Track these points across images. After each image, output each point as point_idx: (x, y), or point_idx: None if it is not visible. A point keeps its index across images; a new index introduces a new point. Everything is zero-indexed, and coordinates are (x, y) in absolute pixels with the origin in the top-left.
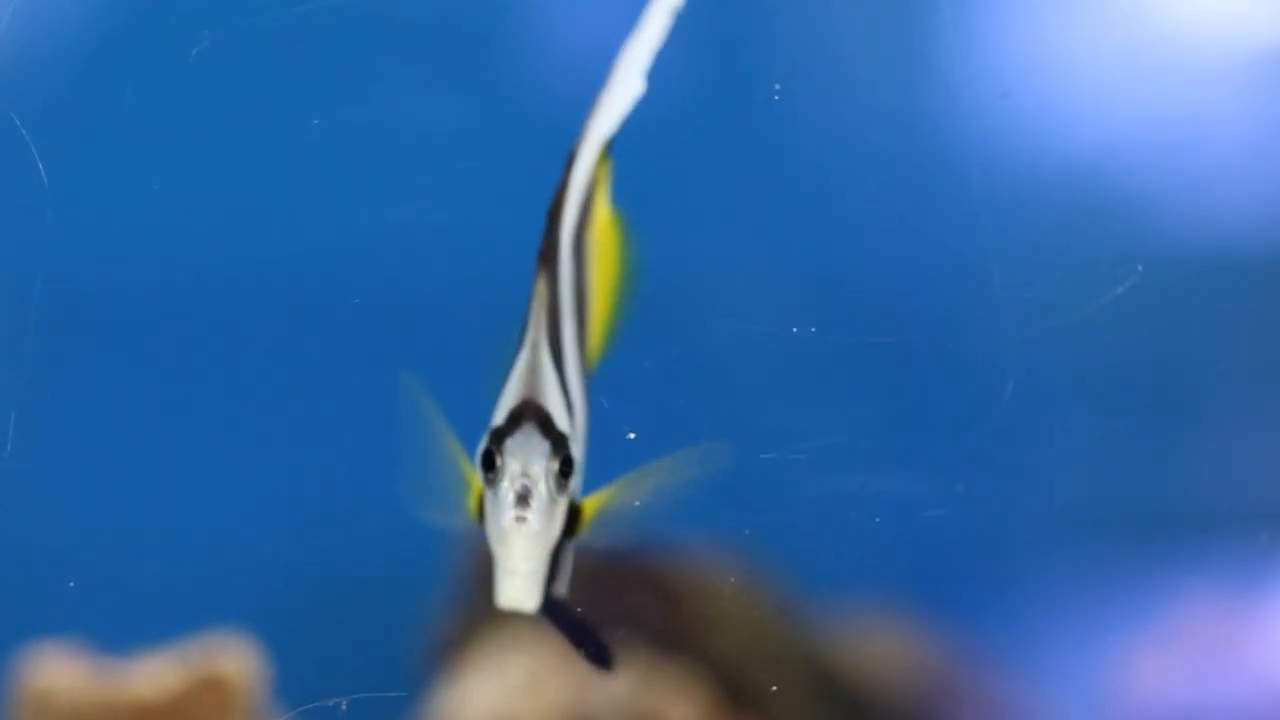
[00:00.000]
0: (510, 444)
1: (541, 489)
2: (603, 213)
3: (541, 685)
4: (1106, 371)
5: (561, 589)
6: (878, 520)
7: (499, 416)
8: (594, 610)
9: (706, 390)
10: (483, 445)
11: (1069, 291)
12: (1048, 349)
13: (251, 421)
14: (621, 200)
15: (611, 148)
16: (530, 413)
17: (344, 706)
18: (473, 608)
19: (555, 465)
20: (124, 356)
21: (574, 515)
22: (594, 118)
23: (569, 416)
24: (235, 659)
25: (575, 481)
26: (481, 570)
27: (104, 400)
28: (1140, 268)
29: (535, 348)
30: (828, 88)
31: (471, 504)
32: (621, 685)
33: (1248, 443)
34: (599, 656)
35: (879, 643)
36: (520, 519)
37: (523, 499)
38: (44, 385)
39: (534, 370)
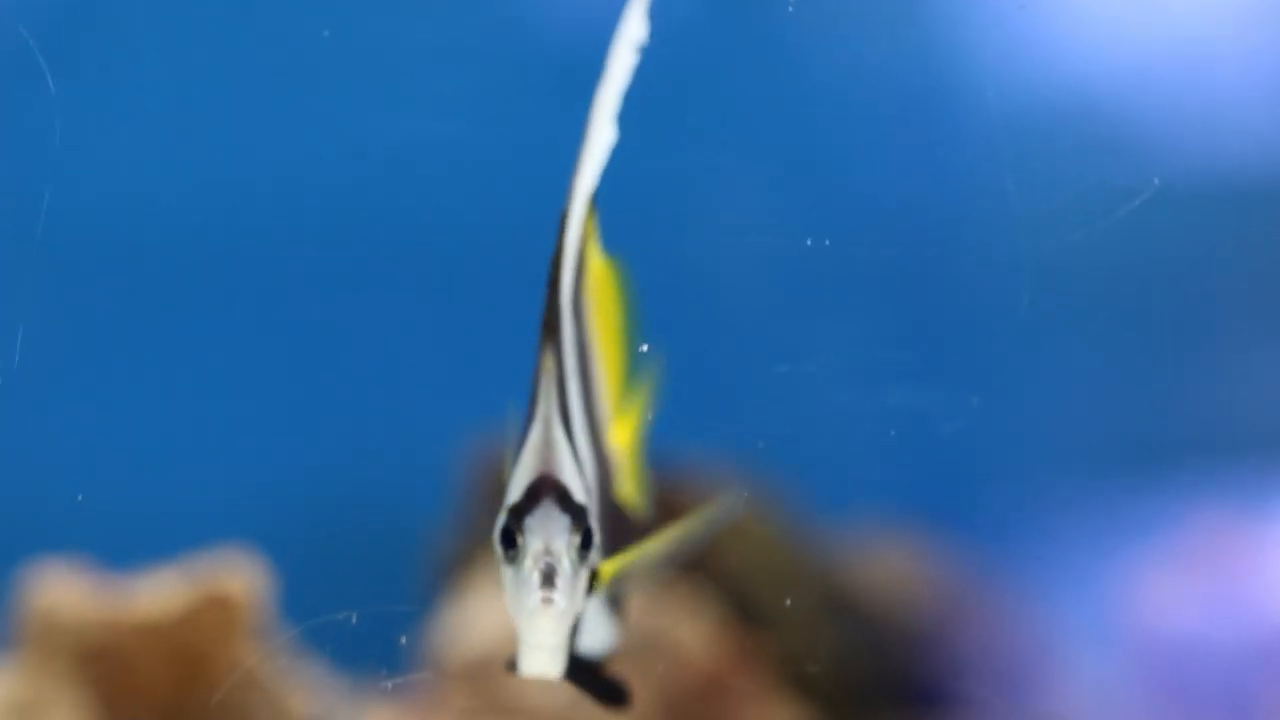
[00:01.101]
0: (530, 521)
1: (565, 565)
2: (596, 264)
3: None
4: (1120, 286)
5: (585, 645)
6: (892, 433)
7: (515, 493)
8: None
9: (720, 303)
10: (501, 522)
11: (1084, 205)
12: (1063, 263)
13: (258, 339)
14: (635, 116)
15: (594, 199)
16: (548, 488)
17: (354, 620)
18: (477, 528)
19: (576, 539)
20: (132, 269)
21: (592, 576)
22: (578, 175)
23: (583, 485)
24: (241, 577)
25: (595, 553)
26: (485, 492)
27: (111, 313)
28: (1156, 180)
29: (547, 422)
30: (842, 0)
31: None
32: (631, 605)
33: (1259, 361)
34: (612, 696)
35: (889, 561)
36: (547, 600)
37: (548, 579)
38: (52, 298)
39: (548, 445)
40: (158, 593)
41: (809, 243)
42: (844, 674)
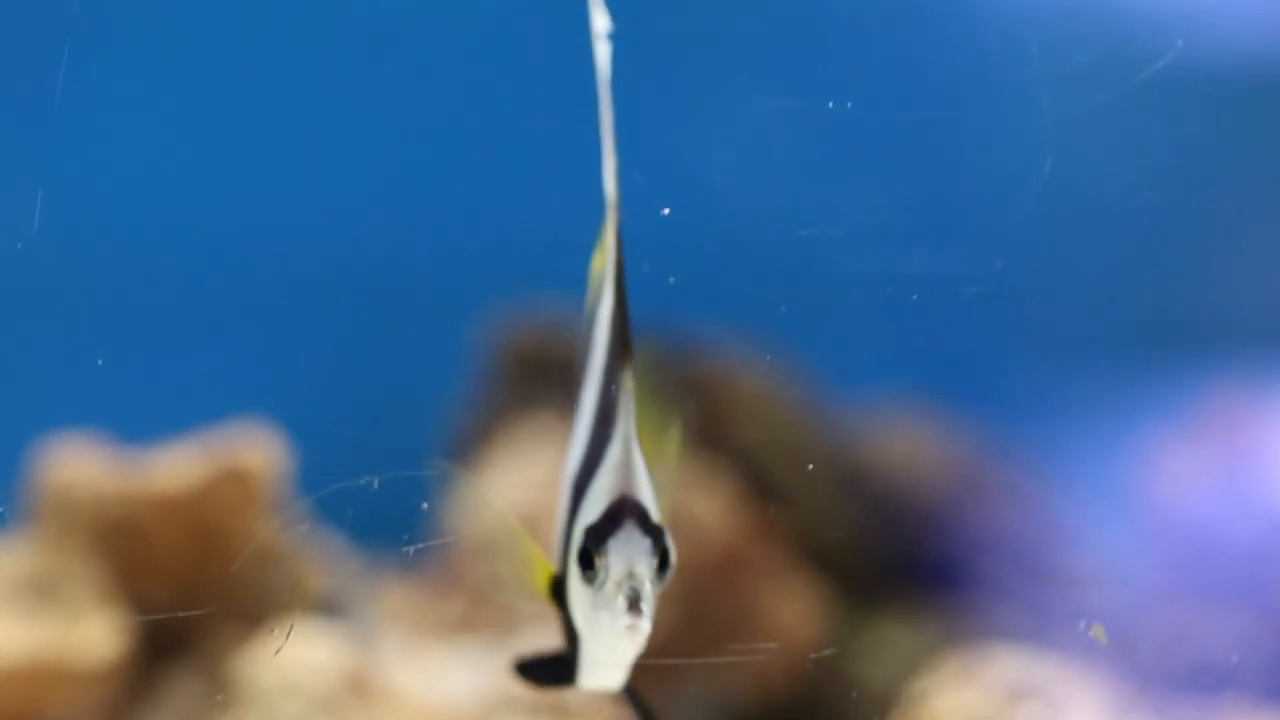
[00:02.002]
0: (613, 544)
1: (648, 589)
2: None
3: (563, 478)
4: (1143, 152)
5: None
6: (915, 297)
7: (592, 513)
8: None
9: (742, 166)
10: (579, 543)
11: (1107, 67)
12: (1085, 126)
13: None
14: None
15: None
16: (629, 510)
17: (375, 485)
18: (495, 402)
19: (655, 561)
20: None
21: None
22: (608, 185)
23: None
24: (258, 450)
25: (671, 572)
26: (504, 366)
27: (132, 178)
28: (1180, 42)
29: (627, 443)
30: None
31: (540, 585)
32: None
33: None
34: (643, 712)
35: (905, 436)
36: (633, 628)
37: (634, 605)
38: (70, 162)
39: (627, 465)
40: (175, 467)
41: (830, 105)
42: (860, 550)
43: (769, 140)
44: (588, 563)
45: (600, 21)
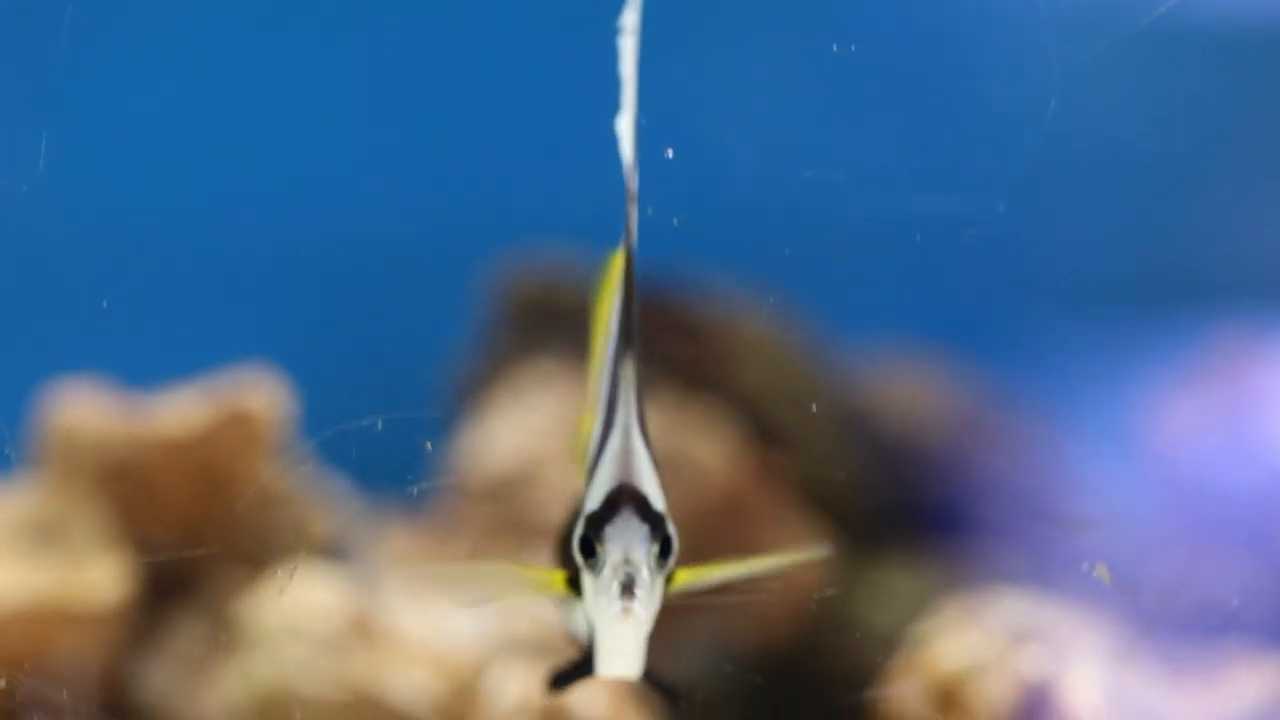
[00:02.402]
0: (610, 531)
1: (644, 574)
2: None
3: (567, 425)
4: (1146, 95)
5: None
6: (918, 239)
7: (593, 501)
8: None
9: (746, 109)
10: (580, 531)
11: (1111, 11)
12: (1089, 70)
13: (283, 148)
14: None
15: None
16: (628, 497)
17: (379, 426)
18: (498, 349)
19: (655, 547)
20: (157, 77)
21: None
22: (628, 179)
23: (661, 493)
24: (262, 394)
25: (673, 559)
26: (506, 312)
27: (137, 122)
28: None
29: (627, 431)
30: None
31: (556, 588)
32: (649, 424)
33: None
34: (666, 693)
35: (908, 382)
36: (626, 610)
37: (628, 589)
38: (77, 104)
39: (627, 453)
40: (179, 410)
41: (835, 48)
42: (862, 494)
43: (773, 83)
44: (589, 550)
45: (630, 17)
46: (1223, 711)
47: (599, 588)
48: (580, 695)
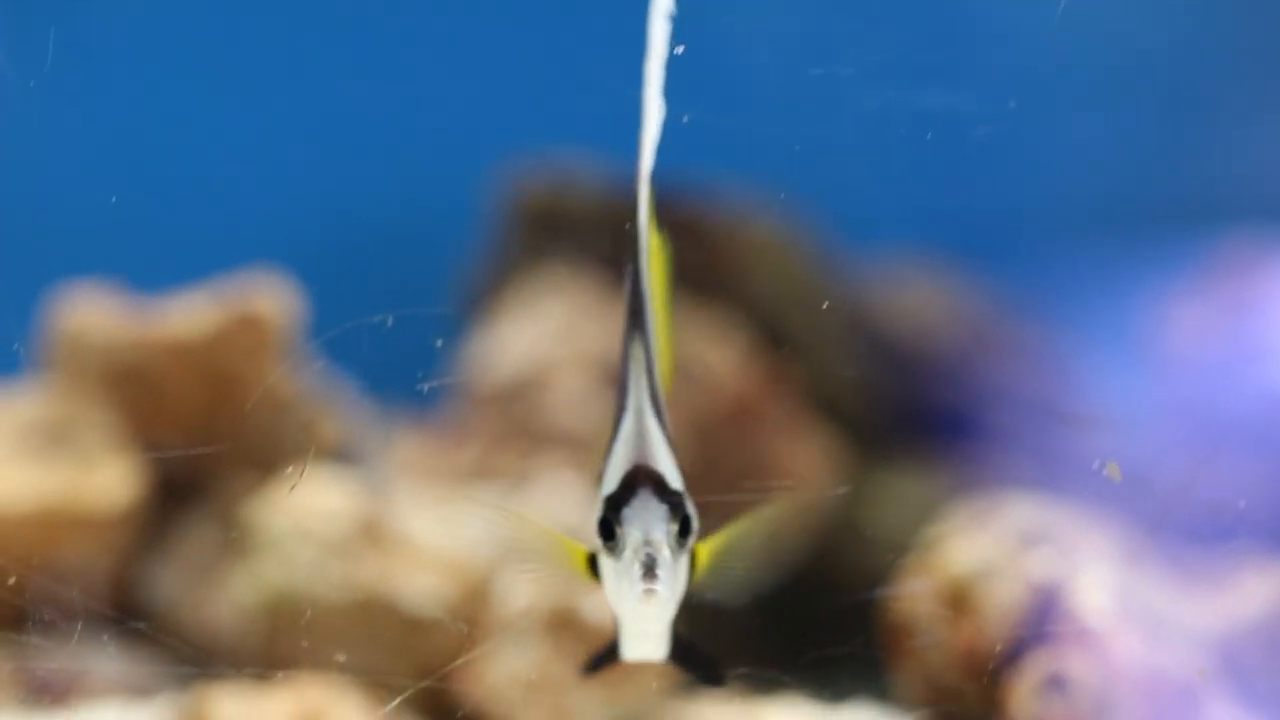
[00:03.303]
0: (628, 512)
1: (665, 554)
2: (654, 241)
3: (577, 331)
4: None
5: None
6: (928, 137)
7: (610, 483)
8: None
9: (755, 4)
10: (599, 513)
11: None
12: None
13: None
14: None
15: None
16: (644, 478)
17: (389, 323)
18: (508, 254)
19: (675, 527)
20: None
21: (690, 561)
22: (641, 159)
23: (678, 472)
24: (271, 297)
25: (694, 537)
26: (515, 218)
27: (147, 21)
28: None
29: (639, 413)
30: None
31: (578, 566)
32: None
33: None
34: (710, 677)
35: (917, 286)
36: (649, 591)
37: (649, 570)
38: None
39: (641, 435)
40: (188, 313)
41: None
42: (872, 400)
43: None
44: (608, 533)
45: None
46: (1230, 614)
47: (620, 570)
48: (591, 602)
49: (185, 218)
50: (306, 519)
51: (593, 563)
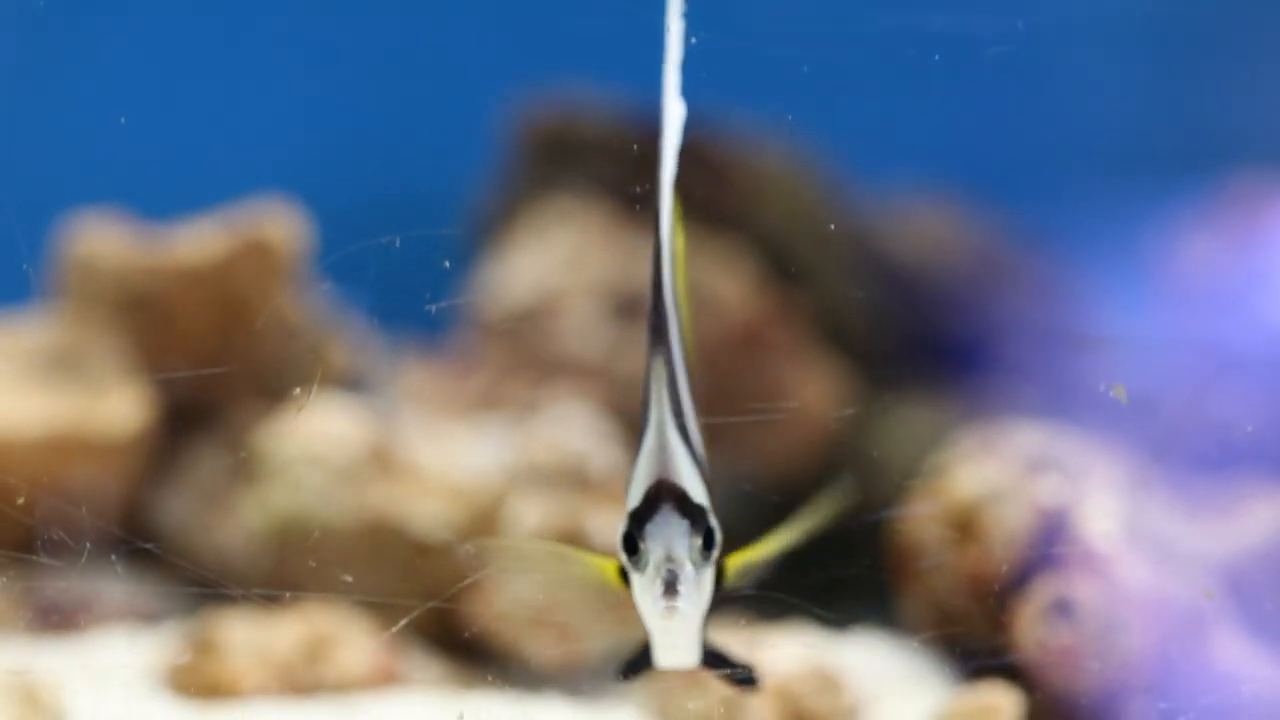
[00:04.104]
0: (651, 528)
1: (688, 570)
2: (679, 246)
3: (585, 259)
4: None
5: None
6: (937, 58)
7: (634, 498)
8: None
9: None
10: (622, 528)
11: None
12: None
13: None
14: None
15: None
16: (666, 493)
17: (397, 243)
18: (517, 185)
19: (698, 541)
20: None
21: (719, 571)
22: (662, 170)
23: (702, 485)
24: (280, 224)
25: (718, 550)
26: (525, 147)
27: None
28: None
29: (661, 428)
30: None
31: (611, 576)
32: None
33: None
34: (744, 679)
35: (927, 220)
36: (670, 609)
37: (670, 587)
38: None
39: (663, 449)
40: (197, 239)
41: None
42: (880, 329)
43: None
44: (632, 547)
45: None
46: (1237, 539)
47: (644, 585)
48: (599, 524)
49: (194, 145)
50: (315, 444)
51: (624, 574)
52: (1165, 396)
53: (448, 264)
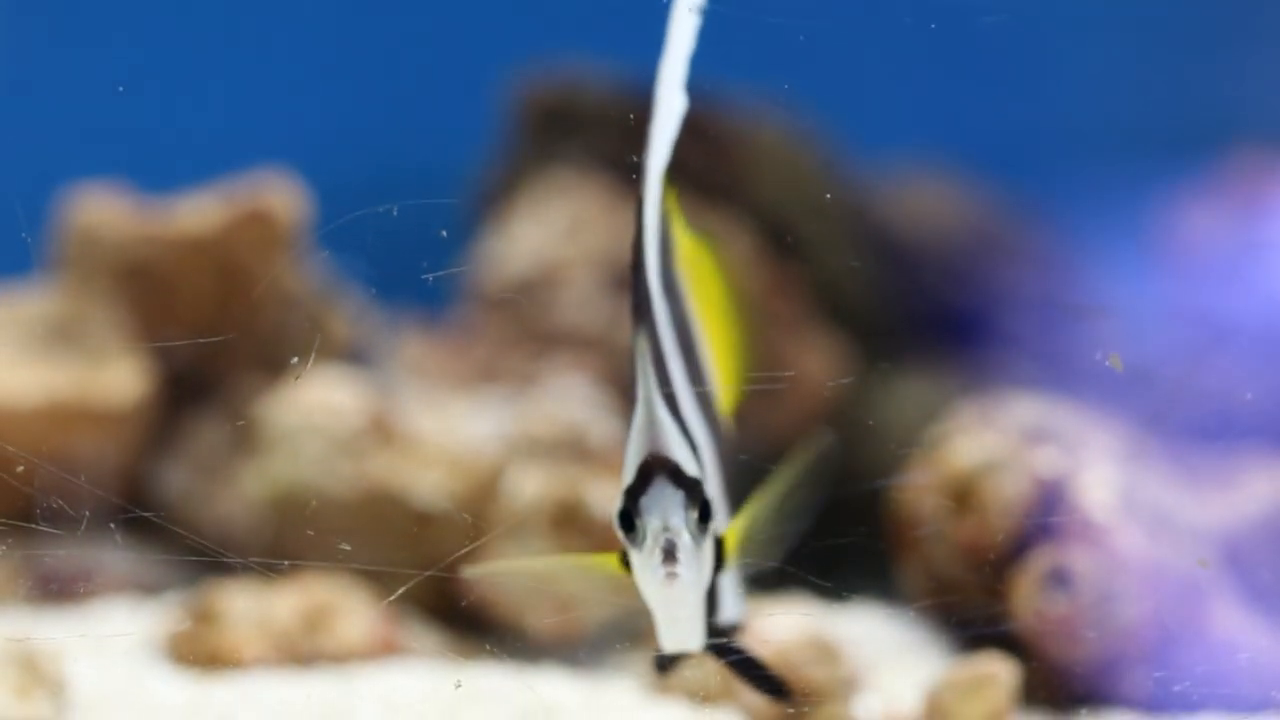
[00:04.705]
0: (645, 501)
1: (685, 539)
2: (686, 242)
3: (584, 230)
4: None
5: (726, 617)
6: (933, 26)
7: (627, 475)
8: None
9: None
10: (618, 506)
11: None
12: None
13: None
14: None
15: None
16: (658, 466)
17: (394, 213)
18: (516, 157)
19: (694, 513)
20: None
21: (720, 548)
22: (649, 153)
23: (696, 458)
24: (280, 195)
25: (717, 520)
26: (525, 119)
27: None
28: None
29: (648, 403)
30: None
31: (613, 567)
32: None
33: None
34: (773, 688)
35: (926, 194)
36: (671, 575)
37: (669, 554)
38: None
39: (652, 424)
40: (197, 211)
41: None
42: (877, 303)
43: None
44: (629, 524)
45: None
46: (1234, 510)
47: (643, 560)
48: (598, 495)
49: (193, 115)
50: (315, 415)
51: (625, 561)
52: (1162, 367)
53: (444, 233)
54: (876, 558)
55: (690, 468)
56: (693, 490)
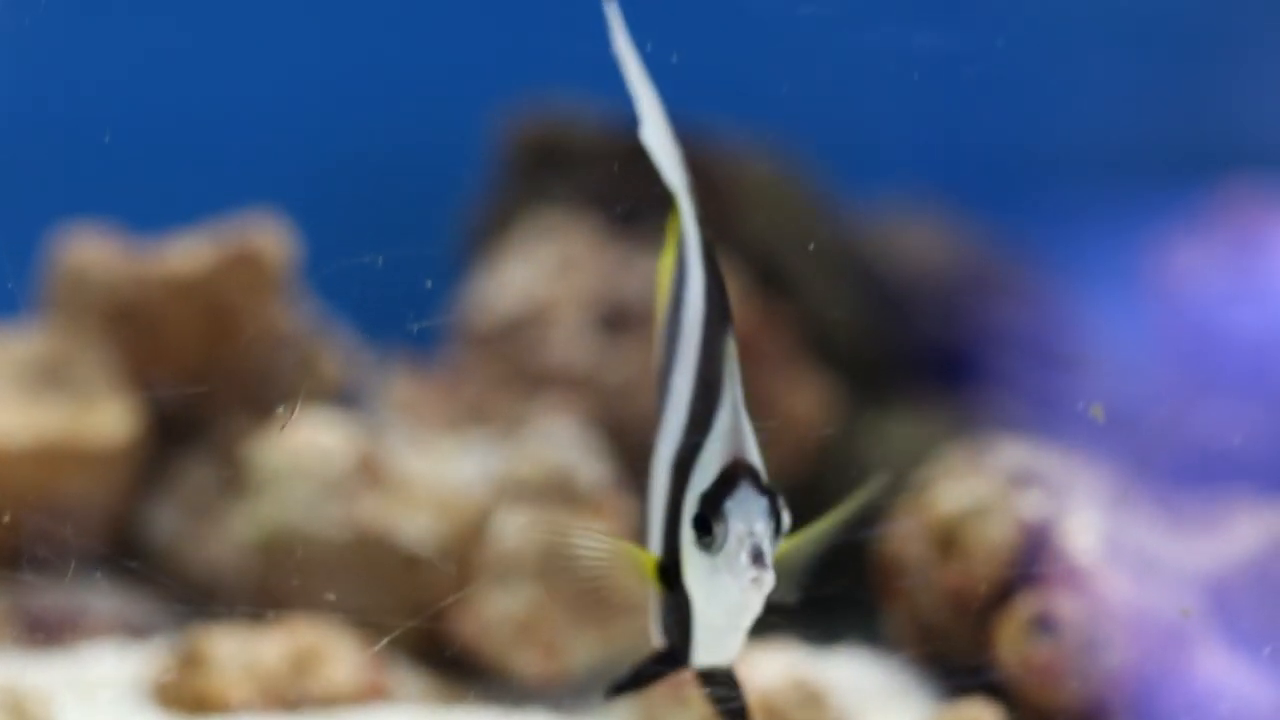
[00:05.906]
0: (731, 504)
1: (768, 545)
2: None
3: (573, 270)
4: None
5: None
6: (915, 76)
7: (705, 479)
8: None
9: None
10: (695, 510)
11: None
12: None
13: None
14: None
15: None
16: (743, 472)
17: (380, 263)
18: (505, 195)
19: (774, 524)
20: None
21: None
22: (669, 172)
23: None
24: (269, 236)
25: (784, 536)
26: (515, 157)
27: None
28: None
29: (735, 407)
30: None
31: (647, 572)
32: (652, 264)
33: None
34: (736, 710)
35: (914, 231)
36: (757, 580)
37: (758, 558)
38: None
39: (737, 429)
40: (186, 252)
41: None
42: (866, 341)
43: None
44: (705, 528)
45: None
46: (1220, 555)
47: (720, 564)
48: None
49: (180, 159)
50: (303, 458)
51: (663, 572)
52: (1151, 411)
53: (430, 284)
54: (862, 604)
55: (766, 477)
56: (774, 499)
